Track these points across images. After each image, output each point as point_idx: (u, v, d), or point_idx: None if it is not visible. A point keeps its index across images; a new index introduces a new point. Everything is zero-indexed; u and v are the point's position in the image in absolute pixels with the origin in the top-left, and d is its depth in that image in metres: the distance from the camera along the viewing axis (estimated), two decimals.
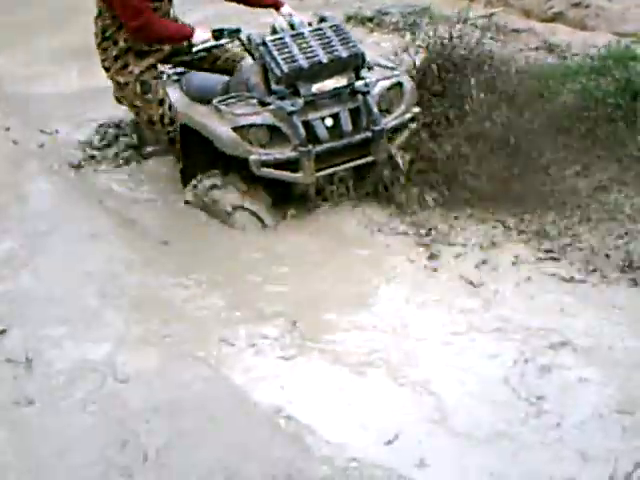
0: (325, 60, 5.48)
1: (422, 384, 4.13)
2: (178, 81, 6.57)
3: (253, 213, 5.61)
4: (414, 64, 6.68)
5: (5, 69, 9.18)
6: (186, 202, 5.93)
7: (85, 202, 6.23)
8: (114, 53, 5.95)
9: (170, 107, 5.98)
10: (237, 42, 6.02)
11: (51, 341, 4.61)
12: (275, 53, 5.47)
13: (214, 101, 5.67)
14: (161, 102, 5.98)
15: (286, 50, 5.49)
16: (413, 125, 5.83)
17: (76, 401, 4.13)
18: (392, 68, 6.04)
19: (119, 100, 6.34)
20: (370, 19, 9.98)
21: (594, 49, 7.83)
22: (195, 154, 5.94)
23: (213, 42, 5.80)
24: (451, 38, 6.56)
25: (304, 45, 5.53)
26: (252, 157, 5.43)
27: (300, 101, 5.46)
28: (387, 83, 5.79)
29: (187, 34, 5.73)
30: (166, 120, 5.97)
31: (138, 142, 6.91)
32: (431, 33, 7.24)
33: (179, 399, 4.11)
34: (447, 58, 6.54)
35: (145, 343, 4.57)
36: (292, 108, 5.43)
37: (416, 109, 5.87)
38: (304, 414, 3.97)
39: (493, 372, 4.19)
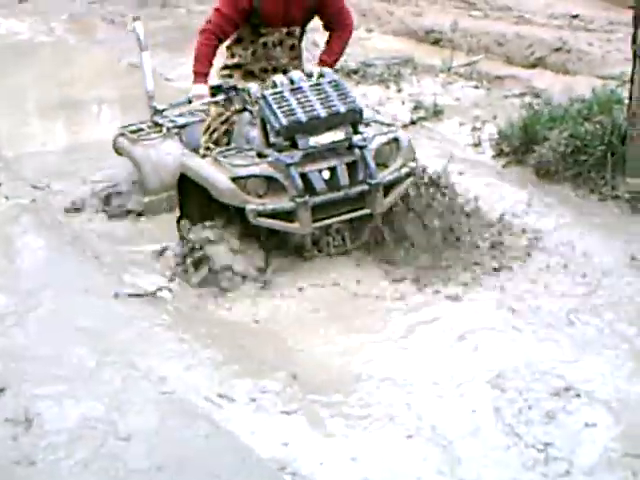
0: (323, 114, 5.55)
1: (427, 435, 4.11)
2: (178, 134, 6.75)
3: (242, 275, 5.60)
4: None
5: None
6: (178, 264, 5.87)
7: (79, 257, 6.21)
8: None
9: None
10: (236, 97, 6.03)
11: (50, 400, 4.54)
12: (274, 107, 5.53)
13: (213, 152, 5.80)
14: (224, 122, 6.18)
15: (285, 104, 5.56)
16: (410, 180, 5.85)
17: (77, 461, 4.07)
18: (389, 124, 6.14)
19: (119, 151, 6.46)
20: (355, 71, 10.09)
21: (578, 93, 7.90)
22: (192, 204, 5.95)
23: (208, 99, 5.92)
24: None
25: (303, 99, 5.60)
26: (249, 207, 5.47)
27: (298, 153, 5.52)
28: (384, 138, 5.85)
29: (194, 73, 5.91)
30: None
31: (135, 196, 6.89)
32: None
33: (181, 457, 4.05)
34: None
35: (144, 400, 4.51)
36: (290, 160, 5.49)
37: (413, 164, 5.90)
38: (309, 470, 3.93)
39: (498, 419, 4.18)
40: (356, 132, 5.69)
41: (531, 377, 4.45)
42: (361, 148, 5.66)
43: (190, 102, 5.99)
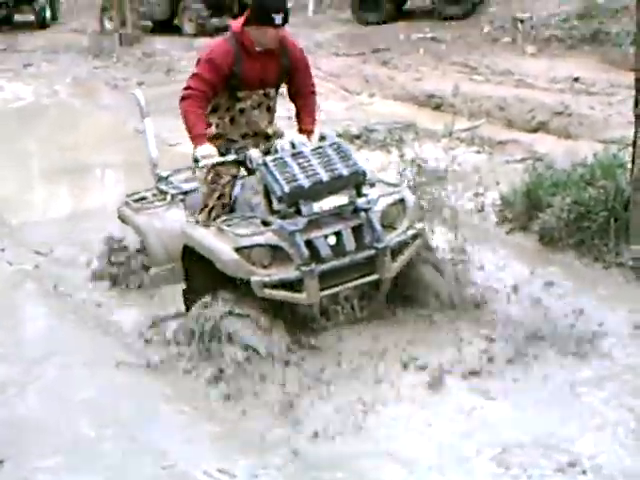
0: (326, 178, 5.43)
1: None
2: (183, 201, 6.57)
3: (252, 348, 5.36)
4: None
5: None
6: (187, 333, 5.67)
7: (81, 326, 6.19)
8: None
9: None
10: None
11: (49, 473, 4.54)
12: (276, 173, 5.41)
13: (217, 221, 5.65)
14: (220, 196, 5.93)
15: (287, 170, 5.44)
16: (417, 241, 5.73)
17: None
18: (394, 184, 6.05)
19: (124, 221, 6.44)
20: (358, 136, 10.13)
21: (580, 157, 7.90)
22: (198, 276, 5.80)
23: (217, 159, 5.69)
24: None
25: (305, 164, 5.48)
26: (254, 279, 5.31)
27: (302, 220, 5.38)
28: (389, 199, 5.73)
29: (194, 139, 5.66)
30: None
31: (142, 264, 6.79)
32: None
33: None
34: None
35: (145, 474, 4.49)
36: (294, 227, 5.35)
37: (420, 225, 5.81)
38: None
39: None
40: (360, 195, 5.57)
41: (536, 452, 4.39)
42: (366, 211, 5.52)
43: (197, 162, 5.67)
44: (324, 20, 18.50)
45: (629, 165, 6.65)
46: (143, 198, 6.89)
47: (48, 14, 21.30)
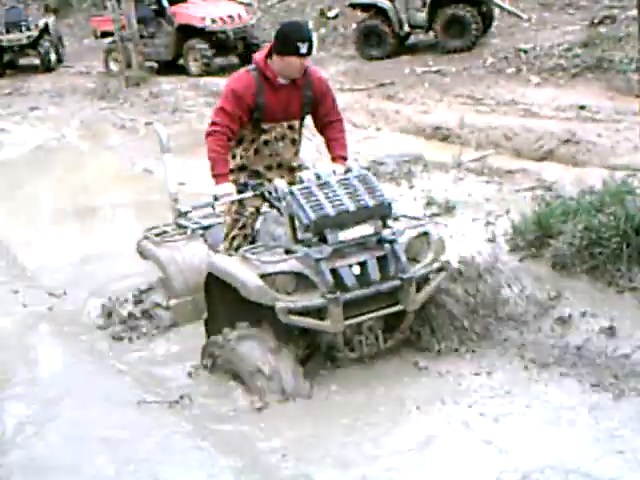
0: (352, 208, 5.44)
1: None
2: (203, 235, 6.65)
3: (274, 380, 5.37)
4: None
5: (12, 234, 9.28)
6: (204, 365, 5.77)
7: (97, 365, 6.20)
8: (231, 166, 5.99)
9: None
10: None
11: None
12: (302, 201, 5.43)
13: (241, 250, 5.67)
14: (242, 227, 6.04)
15: (313, 199, 5.45)
16: (442, 274, 5.74)
17: None
18: (418, 218, 6.08)
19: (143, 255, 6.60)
20: (367, 169, 10.13)
21: (589, 184, 7.92)
22: (221, 305, 5.80)
23: (235, 197, 5.78)
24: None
25: (331, 194, 5.50)
26: (279, 305, 5.30)
27: (328, 248, 5.38)
28: (414, 232, 5.75)
29: (214, 176, 5.74)
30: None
31: (155, 303, 6.80)
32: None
33: None
34: None
35: None
36: (319, 255, 5.34)
37: (444, 258, 5.80)
38: None
39: None
40: (385, 226, 5.59)
41: (556, 477, 4.37)
42: (391, 242, 5.52)
43: (216, 199, 5.76)
44: (328, 57, 18.61)
45: (638, 190, 6.66)
46: (163, 232, 6.96)
47: (53, 57, 21.44)
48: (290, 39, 5.65)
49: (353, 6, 18.06)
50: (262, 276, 5.35)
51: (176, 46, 18.67)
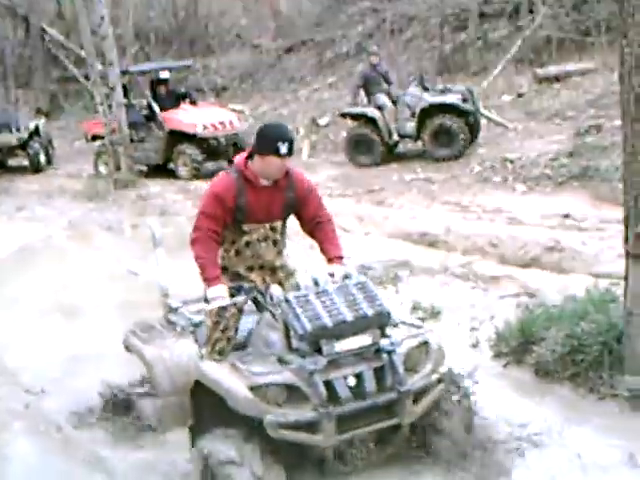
0: (350, 318, 5.25)
1: None
2: (193, 332, 6.43)
3: None
4: None
5: None
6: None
7: (72, 464, 6.11)
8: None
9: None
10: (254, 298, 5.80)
11: None
12: (298, 310, 5.24)
13: (232, 357, 5.48)
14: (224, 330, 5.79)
15: (310, 308, 5.27)
16: (440, 387, 5.56)
17: None
18: (418, 326, 5.86)
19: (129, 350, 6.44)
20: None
21: (573, 292, 7.93)
22: (207, 412, 5.61)
23: (227, 301, 5.59)
24: None
25: (328, 303, 5.31)
26: (269, 418, 5.10)
27: (322, 360, 5.18)
28: (413, 341, 5.57)
29: (205, 280, 5.61)
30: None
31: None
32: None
33: None
34: None
35: None
36: (313, 367, 5.14)
37: (443, 369, 5.62)
38: None
39: None
40: (384, 335, 5.39)
41: None
42: (389, 353, 5.33)
43: (207, 302, 5.57)
44: (319, 163, 18.78)
45: (621, 299, 6.68)
46: (152, 328, 6.76)
47: (42, 159, 21.54)
48: (270, 139, 5.60)
49: (344, 115, 18.29)
50: (252, 388, 5.16)
51: (166, 151, 18.78)
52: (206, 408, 5.61)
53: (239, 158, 5.83)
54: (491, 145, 17.08)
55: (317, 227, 5.97)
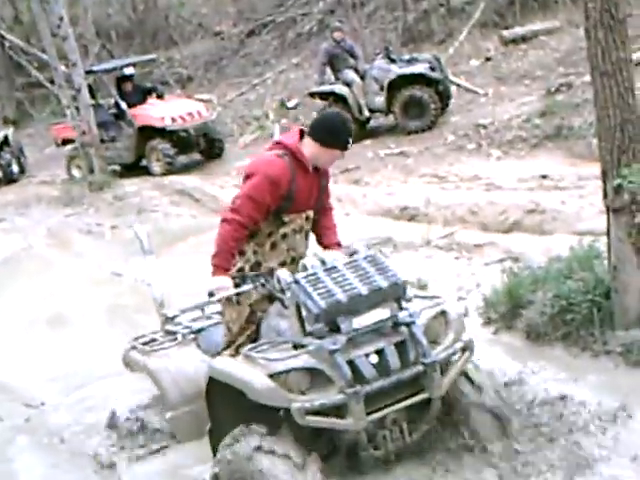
0: (365, 292, 4.95)
1: None
2: (195, 340, 6.25)
3: None
4: None
5: None
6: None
7: (80, 475, 6.08)
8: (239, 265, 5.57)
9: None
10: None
11: None
12: (310, 290, 4.93)
13: (243, 350, 5.16)
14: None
15: (321, 285, 4.97)
16: (467, 355, 5.25)
17: None
18: (433, 297, 5.54)
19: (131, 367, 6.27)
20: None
21: (557, 252, 7.92)
22: (225, 412, 5.28)
23: (232, 290, 5.34)
24: None
25: (339, 279, 5.01)
26: (295, 405, 4.77)
27: (342, 338, 4.85)
28: (431, 312, 5.26)
29: (213, 265, 5.34)
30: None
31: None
32: None
33: None
34: None
35: None
36: (334, 346, 4.81)
37: (467, 336, 5.30)
38: None
39: None
40: (400, 308, 5.09)
41: None
42: (408, 325, 5.01)
43: (211, 295, 5.32)
44: None
45: (605, 254, 6.68)
46: (152, 340, 6.54)
47: (15, 168, 21.33)
48: (342, 133, 5.46)
49: (312, 95, 18.19)
50: (272, 376, 4.85)
51: (137, 148, 18.67)
52: (223, 408, 5.31)
53: (290, 139, 5.55)
54: (463, 112, 17.03)
55: (324, 213, 5.84)
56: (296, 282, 5.04)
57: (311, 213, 5.66)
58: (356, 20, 21.75)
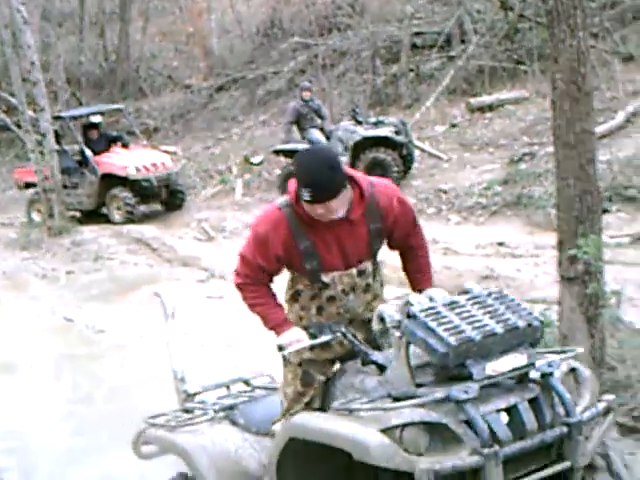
0: (500, 330, 3.96)
1: None
2: (227, 417, 5.32)
3: None
4: None
5: None
6: None
7: None
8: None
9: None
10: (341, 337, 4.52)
11: None
12: (432, 324, 3.95)
13: (335, 404, 4.27)
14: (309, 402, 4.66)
15: (445, 321, 3.98)
16: (610, 417, 4.29)
17: None
18: (562, 351, 4.49)
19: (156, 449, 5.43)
20: None
21: None
22: None
23: (308, 342, 4.47)
24: None
25: (465, 314, 4.04)
26: (421, 467, 3.73)
27: (474, 387, 3.85)
28: (563, 366, 4.31)
29: (274, 329, 4.56)
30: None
31: None
32: None
33: None
34: None
35: None
36: (465, 396, 3.82)
37: (610, 397, 4.37)
38: None
39: None
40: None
41: None
42: (545, 377, 4.04)
43: (281, 349, 4.45)
44: (253, 202, 18.69)
45: (556, 323, 6.70)
46: (175, 417, 5.45)
47: None
48: (299, 179, 4.35)
49: (277, 152, 18.26)
50: (385, 430, 3.87)
51: (99, 195, 18.61)
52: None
53: (292, 185, 4.48)
54: (425, 177, 17.15)
55: (408, 257, 4.96)
56: (413, 316, 4.04)
57: (367, 265, 4.66)
58: (326, 81, 21.96)
